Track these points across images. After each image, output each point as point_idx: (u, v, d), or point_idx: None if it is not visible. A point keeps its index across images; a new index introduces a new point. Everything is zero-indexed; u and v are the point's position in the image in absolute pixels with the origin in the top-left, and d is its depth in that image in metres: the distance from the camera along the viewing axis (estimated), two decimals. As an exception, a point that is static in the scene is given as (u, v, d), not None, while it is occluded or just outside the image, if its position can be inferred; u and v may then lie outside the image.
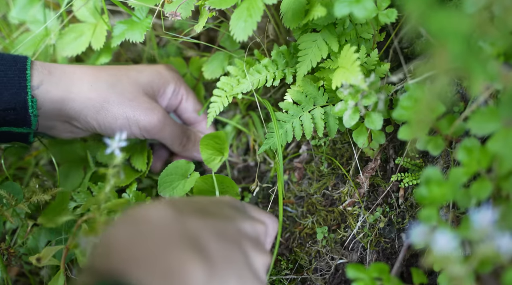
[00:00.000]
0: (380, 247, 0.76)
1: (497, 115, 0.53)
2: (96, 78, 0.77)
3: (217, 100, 0.82)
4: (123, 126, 0.78)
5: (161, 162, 0.92)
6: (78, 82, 0.75)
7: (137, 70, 0.82)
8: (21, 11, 0.94)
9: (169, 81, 0.84)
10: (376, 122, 0.69)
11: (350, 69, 0.66)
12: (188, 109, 0.88)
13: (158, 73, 0.83)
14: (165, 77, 0.84)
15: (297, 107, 0.76)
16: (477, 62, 0.44)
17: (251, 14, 0.66)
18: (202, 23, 0.74)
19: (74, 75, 0.75)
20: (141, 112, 0.78)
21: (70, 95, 0.74)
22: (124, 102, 0.77)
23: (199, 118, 0.90)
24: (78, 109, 0.75)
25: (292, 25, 0.71)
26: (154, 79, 0.82)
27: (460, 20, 0.43)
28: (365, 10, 0.59)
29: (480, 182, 0.55)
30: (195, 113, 0.89)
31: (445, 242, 0.44)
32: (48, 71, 0.74)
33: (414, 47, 0.78)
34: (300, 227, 0.83)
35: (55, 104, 0.74)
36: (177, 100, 0.86)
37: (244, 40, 0.66)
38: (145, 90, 0.80)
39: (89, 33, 0.88)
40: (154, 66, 0.85)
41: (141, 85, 0.80)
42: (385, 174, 0.80)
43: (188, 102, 0.87)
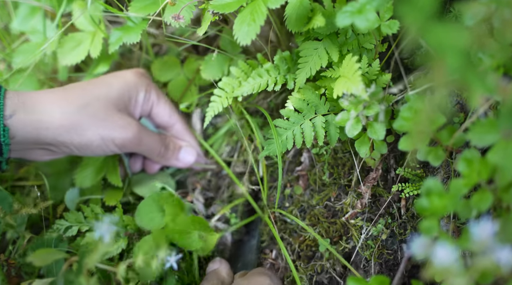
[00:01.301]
0: (383, 259, 0.76)
1: (496, 127, 0.53)
2: (67, 103, 0.77)
3: (216, 100, 0.82)
4: (100, 146, 0.79)
5: (140, 162, 0.93)
6: (50, 110, 0.75)
7: (107, 85, 0.82)
8: (22, 21, 0.95)
9: (138, 89, 0.84)
10: (378, 132, 0.69)
11: (352, 78, 0.67)
12: (159, 114, 0.88)
13: (126, 84, 0.83)
14: (135, 85, 0.84)
15: (298, 115, 0.76)
16: (475, 76, 0.45)
17: (254, 19, 0.67)
18: (205, 27, 0.75)
19: (45, 103, 0.76)
20: (115, 130, 0.79)
21: (43, 124, 0.75)
22: (96, 123, 0.78)
23: (172, 121, 0.89)
24: (52, 136, 0.76)
25: (295, 28, 0.71)
26: (123, 91, 0.82)
27: (459, 34, 0.43)
28: (367, 21, 0.60)
29: (481, 194, 0.55)
30: (167, 117, 0.89)
31: (446, 255, 0.44)
32: (21, 100, 0.74)
33: (414, 58, 0.79)
34: (301, 239, 0.83)
35: (29, 133, 0.74)
36: (148, 106, 0.86)
37: (247, 44, 0.67)
38: (117, 105, 0.81)
39: (88, 41, 0.88)
40: (123, 74, 0.85)
41: (111, 101, 0.80)
42: (386, 184, 0.80)
43: (159, 106, 0.87)
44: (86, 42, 0.89)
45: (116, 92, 0.81)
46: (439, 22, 0.43)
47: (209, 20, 0.73)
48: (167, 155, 0.88)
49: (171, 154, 0.88)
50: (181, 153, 0.89)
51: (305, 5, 0.70)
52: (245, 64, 0.83)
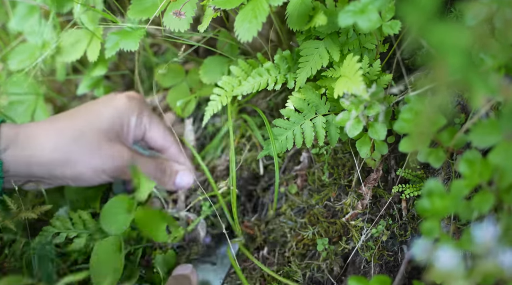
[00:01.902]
0: (383, 260, 0.76)
1: (498, 128, 0.53)
2: (57, 137, 0.78)
3: (216, 99, 0.82)
4: (92, 177, 0.80)
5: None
6: (41, 145, 0.77)
7: (97, 115, 0.82)
8: (20, 21, 0.94)
9: (129, 115, 0.84)
10: (380, 133, 0.69)
11: (353, 78, 0.66)
12: (153, 138, 0.88)
13: (117, 111, 0.83)
14: (125, 112, 0.84)
15: (299, 115, 0.76)
16: (477, 76, 0.44)
17: (256, 15, 0.66)
18: (206, 23, 0.74)
19: (37, 137, 0.77)
20: (106, 160, 0.80)
21: (35, 159, 0.76)
22: (86, 156, 0.79)
23: (166, 144, 0.89)
24: (45, 171, 0.78)
25: (296, 27, 0.71)
26: (114, 120, 0.82)
27: (460, 33, 0.43)
28: (369, 21, 0.59)
29: (482, 195, 0.55)
30: (162, 140, 0.88)
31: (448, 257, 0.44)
32: (15, 134, 0.76)
33: (415, 58, 0.78)
34: (299, 238, 0.82)
35: (22, 168, 0.76)
36: (140, 130, 0.86)
37: (248, 40, 0.66)
38: (107, 135, 0.81)
39: (86, 41, 0.88)
40: (113, 101, 0.85)
41: (101, 131, 0.80)
42: (386, 185, 0.79)
43: (152, 131, 0.87)
44: (84, 41, 0.88)
45: (106, 122, 0.81)
46: (441, 22, 0.43)
47: (210, 17, 0.73)
48: (163, 180, 0.87)
49: (167, 179, 0.88)
50: (177, 178, 0.89)
51: (306, 3, 0.69)
52: (245, 63, 0.82)
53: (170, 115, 0.98)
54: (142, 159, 0.84)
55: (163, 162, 0.88)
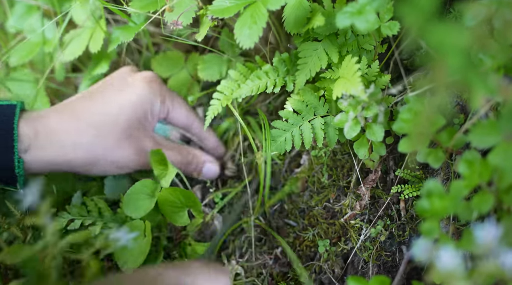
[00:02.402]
0: (381, 260, 0.76)
1: (497, 128, 0.53)
2: (79, 134, 0.76)
3: (215, 103, 0.81)
4: (117, 171, 0.80)
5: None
6: (63, 143, 0.75)
7: (118, 106, 0.78)
8: (18, 20, 0.94)
9: (152, 102, 0.81)
10: (377, 134, 0.69)
11: (351, 79, 0.66)
12: (176, 117, 0.85)
13: (139, 100, 0.79)
14: (148, 99, 0.80)
15: (297, 116, 0.76)
16: (476, 76, 0.44)
17: (255, 21, 0.66)
18: (204, 32, 0.74)
19: (58, 135, 0.75)
20: (129, 157, 0.79)
21: (56, 159, 0.75)
22: (109, 153, 0.78)
23: (190, 121, 0.87)
24: (68, 168, 0.77)
25: (294, 30, 0.71)
26: (136, 111, 0.79)
27: (459, 34, 0.43)
28: (367, 22, 0.59)
29: (482, 195, 0.55)
30: (185, 119, 0.86)
31: (449, 258, 0.44)
32: (34, 133, 0.73)
33: (414, 59, 0.78)
34: (300, 240, 0.82)
35: (44, 167, 0.75)
36: (163, 113, 0.84)
37: (250, 47, 0.66)
38: (130, 128, 0.79)
39: (87, 37, 0.87)
40: (132, 87, 0.80)
41: (125, 126, 0.78)
42: (385, 185, 0.79)
43: (175, 111, 0.84)
44: (85, 38, 0.87)
45: (127, 114, 0.78)
46: (440, 23, 0.43)
47: (208, 25, 0.73)
48: (189, 170, 0.86)
49: (193, 169, 0.86)
50: (204, 169, 0.87)
51: (304, 6, 0.69)
52: (243, 67, 0.82)
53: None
54: (166, 151, 0.81)
55: (189, 152, 0.86)
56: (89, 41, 0.87)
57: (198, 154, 0.87)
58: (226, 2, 0.69)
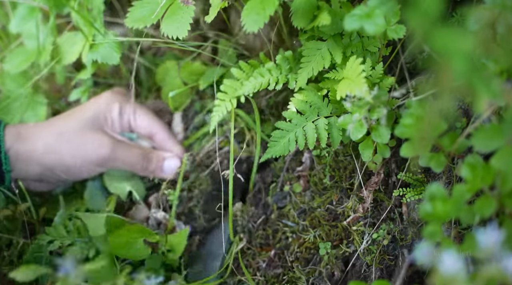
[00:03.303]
0: (384, 264, 0.76)
1: (500, 133, 0.53)
2: (48, 133, 0.85)
3: (221, 104, 0.81)
4: (82, 168, 0.85)
5: None
6: (36, 141, 0.84)
7: (82, 110, 0.88)
8: (20, 22, 0.94)
9: (111, 107, 0.88)
10: (383, 136, 0.69)
11: (355, 80, 0.66)
12: (139, 126, 0.90)
13: (99, 104, 0.88)
14: (107, 104, 0.88)
15: (301, 117, 0.76)
16: (481, 80, 0.45)
17: (264, 7, 0.66)
18: (214, 13, 0.73)
19: (34, 135, 0.84)
20: (90, 150, 0.85)
21: (31, 154, 0.83)
22: (72, 147, 0.84)
23: (154, 130, 0.91)
24: (41, 166, 0.84)
25: (301, 24, 0.71)
26: (97, 112, 0.87)
27: (464, 38, 0.43)
28: (376, 25, 0.59)
29: (484, 199, 0.55)
30: (148, 128, 0.91)
31: (451, 262, 0.44)
32: (17, 133, 0.84)
33: (416, 62, 0.79)
34: (300, 241, 0.82)
35: (23, 164, 0.83)
36: (125, 120, 0.89)
37: (254, 31, 0.66)
38: (91, 127, 0.86)
39: (81, 43, 0.88)
40: (98, 97, 0.90)
41: (85, 124, 0.86)
42: (387, 188, 0.79)
43: (137, 119, 0.90)
44: (79, 44, 0.88)
45: (89, 114, 0.87)
46: (444, 27, 0.43)
47: (218, 7, 0.72)
48: (150, 167, 0.89)
49: (155, 167, 0.90)
50: (165, 164, 0.90)
51: (312, 1, 0.69)
52: (246, 65, 0.82)
53: (158, 103, 1.00)
54: (127, 146, 0.87)
55: (150, 151, 0.90)
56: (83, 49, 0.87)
57: (157, 151, 0.91)
58: None
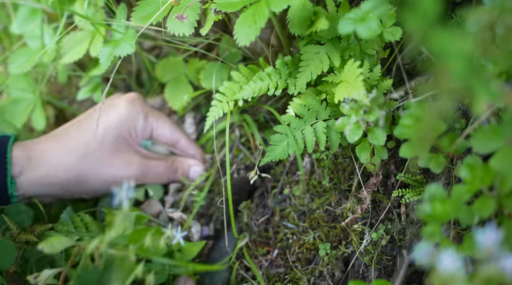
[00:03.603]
0: (382, 264, 0.76)
1: (499, 134, 0.53)
2: (68, 154, 0.80)
3: (217, 105, 0.82)
4: (106, 189, 0.83)
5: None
6: (54, 164, 0.79)
7: (103, 126, 0.82)
8: (22, 24, 0.94)
9: (134, 120, 0.85)
10: (379, 138, 0.69)
11: (353, 83, 0.67)
12: (161, 135, 0.89)
13: (122, 119, 0.83)
14: (130, 118, 0.84)
15: (299, 121, 0.76)
16: (480, 82, 0.45)
17: (255, 20, 0.67)
18: (208, 26, 0.74)
19: (49, 157, 0.79)
20: (117, 173, 0.82)
21: (48, 180, 0.79)
22: (98, 171, 0.81)
23: (175, 138, 0.90)
24: (60, 189, 0.80)
25: (298, 31, 0.71)
26: (120, 129, 0.83)
27: (462, 40, 0.43)
28: (369, 29, 0.59)
29: (483, 200, 0.55)
30: (170, 136, 0.90)
31: (450, 262, 0.44)
32: (27, 156, 0.78)
33: (415, 64, 0.79)
34: (300, 242, 0.83)
35: (37, 189, 0.79)
36: (147, 131, 0.88)
37: (246, 45, 0.67)
38: (115, 145, 0.83)
39: (87, 41, 0.88)
40: (116, 107, 0.84)
41: (110, 144, 0.82)
42: (386, 189, 0.80)
43: (159, 129, 0.88)
44: (86, 41, 0.88)
45: (112, 132, 0.82)
46: (442, 29, 0.43)
47: (212, 20, 0.73)
48: (177, 177, 0.90)
49: (181, 175, 0.90)
50: (191, 173, 0.91)
51: (307, 7, 0.70)
52: (246, 69, 0.82)
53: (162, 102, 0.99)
54: (152, 162, 0.86)
55: (174, 161, 0.90)
56: (90, 45, 0.87)
57: (182, 160, 0.91)
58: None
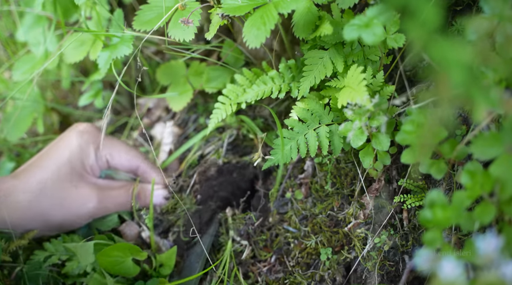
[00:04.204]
0: (385, 270, 0.76)
1: (499, 141, 0.54)
2: (29, 193, 0.79)
3: (220, 107, 0.82)
4: (72, 225, 0.83)
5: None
6: (16, 202, 0.79)
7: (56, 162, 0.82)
8: (27, 30, 0.95)
9: (86, 153, 0.84)
10: (383, 143, 0.70)
11: (357, 89, 0.67)
12: (119, 164, 0.88)
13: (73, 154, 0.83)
14: (81, 151, 0.84)
15: (303, 125, 0.76)
16: (479, 90, 0.45)
17: (264, 22, 0.67)
18: (213, 31, 0.75)
19: (11, 197, 0.79)
20: (78, 209, 0.82)
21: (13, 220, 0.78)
22: (59, 208, 0.81)
23: (134, 165, 0.89)
24: (23, 227, 0.80)
25: (302, 35, 0.72)
26: (73, 163, 0.83)
27: (462, 49, 0.44)
28: (374, 35, 0.60)
29: (484, 206, 0.55)
30: (128, 164, 0.88)
31: (451, 268, 0.44)
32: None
33: (417, 71, 0.79)
34: (302, 247, 0.83)
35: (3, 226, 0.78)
36: (103, 161, 0.87)
37: (256, 47, 0.67)
38: (72, 180, 0.82)
39: (89, 43, 0.89)
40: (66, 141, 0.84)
41: (65, 179, 0.82)
42: (388, 195, 0.80)
43: (115, 158, 0.87)
44: (87, 44, 0.89)
45: (65, 168, 0.82)
46: (443, 37, 0.44)
47: (217, 24, 0.73)
48: (139, 204, 0.88)
49: (143, 202, 0.88)
50: (154, 199, 0.89)
51: (313, 11, 0.70)
52: (249, 72, 0.83)
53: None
54: (112, 192, 0.85)
55: (135, 188, 0.88)
56: (91, 48, 0.88)
57: (144, 186, 0.89)
58: (238, 1, 0.70)
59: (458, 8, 0.76)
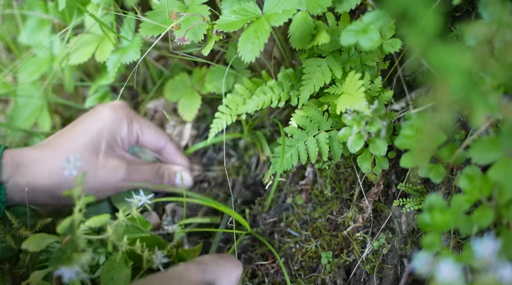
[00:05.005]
0: (383, 273, 0.77)
1: (498, 145, 0.54)
2: (54, 160, 0.79)
3: (220, 117, 0.83)
4: (97, 194, 0.83)
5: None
6: (40, 170, 0.79)
7: (88, 132, 0.83)
8: (30, 34, 0.96)
9: (119, 125, 0.86)
10: (380, 148, 0.71)
11: (355, 95, 0.68)
12: (147, 141, 0.90)
13: (105, 125, 0.84)
14: (114, 123, 0.85)
15: (302, 132, 0.77)
16: (478, 95, 0.46)
17: (258, 36, 0.68)
18: (210, 47, 0.76)
19: (36, 163, 0.79)
20: (104, 179, 0.82)
21: (36, 185, 0.78)
22: (89, 178, 0.80)
23: (161, 144, 0.91)
24: (47, 195, 0.80)
25: (299, 46, 0.72)
26: (105, 134, 0.84)
27: (461, 54, 0.45)
28: (371, 41, 0.61)
29: (482, 210, 0.56)
30: (156, 142, 0.90)
31: (449, 272, 0.45)
32: (16, 163, 0.78)
33: (416, 76, 0.80)
34: (303, 251, 0.83)
35: (24, 195, 0.78)
36: (133, 137, 0.88)
37: (251, 61, 0.68)
38: (101, 150, 0.83)
39: (94, 45, 0.89)
40: (99, 114, 0.86)
41: (95, 149, 0.82)
42: (387, 199, 0.80)
43: (145, 135, 0.89)
44: (92, 45, 0.89)
45: (97, 139, 0.83)
46: (442, 43, 0.44)
47: (213, 40, 0.75)
48: (163, 182, 0.89)
49: (167, 181, 0.90)
50: (177, 179, 0.90)
51: (309, 22, 0.71)
52: (249, 82, 0.84)
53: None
54: (139, 167, 0.87)
55: (160, 166, 0.90)
56: (96, 50, 0.88)
57: (168, 166, 0.91)
58: (232, 17, 0.72)
59: (457, 14, 0.77)
